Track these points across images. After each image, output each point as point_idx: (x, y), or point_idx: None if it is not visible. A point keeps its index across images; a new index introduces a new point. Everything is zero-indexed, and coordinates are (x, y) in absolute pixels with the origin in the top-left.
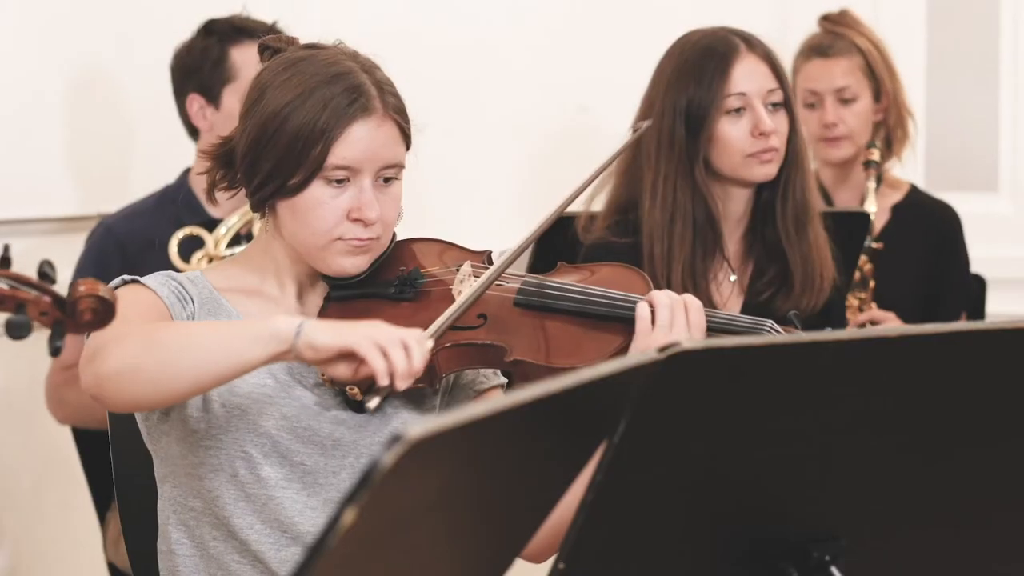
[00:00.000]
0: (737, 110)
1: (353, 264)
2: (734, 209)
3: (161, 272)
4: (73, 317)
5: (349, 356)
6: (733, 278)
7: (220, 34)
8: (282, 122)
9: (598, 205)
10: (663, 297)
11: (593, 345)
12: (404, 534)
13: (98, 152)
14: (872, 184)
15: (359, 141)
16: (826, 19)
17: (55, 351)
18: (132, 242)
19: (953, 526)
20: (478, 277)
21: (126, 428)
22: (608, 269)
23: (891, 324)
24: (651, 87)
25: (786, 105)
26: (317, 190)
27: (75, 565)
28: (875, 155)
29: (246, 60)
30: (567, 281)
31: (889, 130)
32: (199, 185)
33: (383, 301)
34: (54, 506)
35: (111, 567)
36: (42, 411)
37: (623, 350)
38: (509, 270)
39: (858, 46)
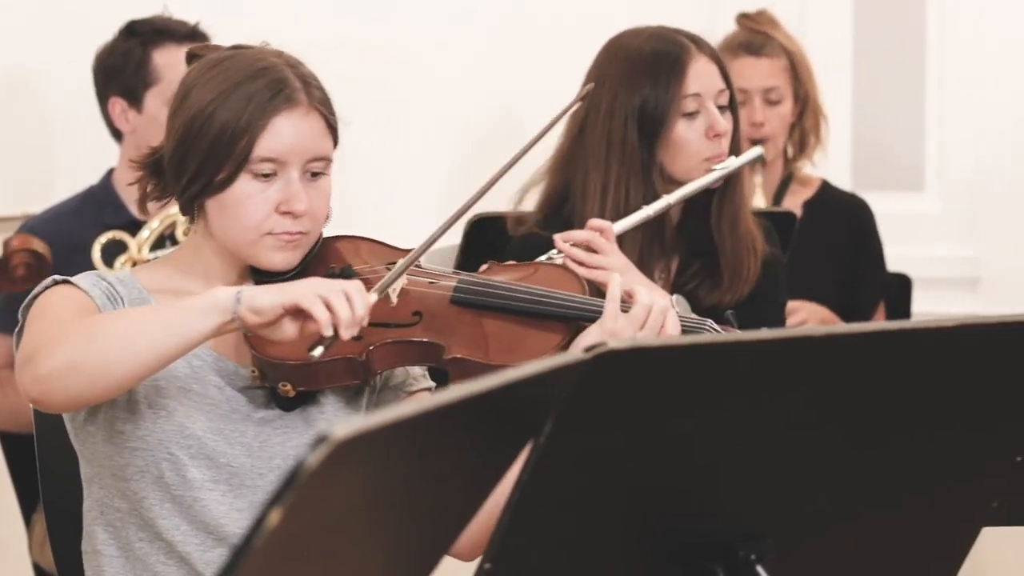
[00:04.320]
0: (691, 113)
1: (283, 259)
2: (675, 208)
3: (91, 272)
4: (7, 273)
5: (293, 315)
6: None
7: (142, 36)
8: (207, 118)
9: (528, 205)
10: (645, 296)
11: (533, 342)
12: (330, 534)
13: (22, 153)
14: (759, 179)
15: (284, 133)
16: (746, 17)
17: None
18: (56, 244)
19: (876, 523)
20: (411, 275)
21: (52, 430)
22: (542, 268)
23: (804, 311)
24: (594, 88)
25: (731, 106)
26: (244, 184)
27: (0, 567)
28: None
29: (168, 62)
30: (504, 279)
31: (804, 133)
32: (123, 186)
33: None
34: None
35: (37, 568)
36: None
37: (564, 347)
38: (444, 269)
39: (785, 47)
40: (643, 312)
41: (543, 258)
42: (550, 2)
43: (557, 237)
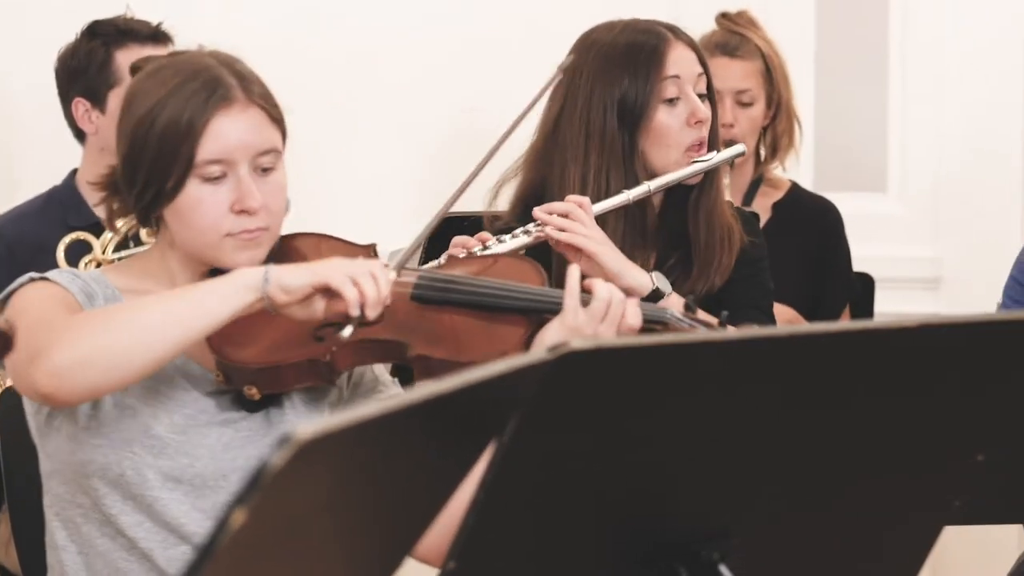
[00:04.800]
0: (672, 100)
1: (247, 258)
2: (656, 199)
3: (64, 269)
4: None
5: (320, 293)
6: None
7: (104, 37)
8: (150, 125)
9: (501, 202)
10: (603, 290)
11: (495, 337)
12: (294, 535)
13: None
14: (726, 180)
15: (224, 133)
16: (725, 17)
17: None
18: (20, 244)
19: (839, 521)
20: None
21: (15, 429)
22: (501, 261)
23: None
24: (568, 84)
25: (709, 95)
26: (195, 189)
27: None
28: None
29: (131, 63)
30: (463, 273)
31: (776, 137)
32: (86, 187)
33: None
34: None
35: (1, 569)
36: None
37: (526, 341)
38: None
39: (761, 50)
40: (602, 306)
41: (519, 231)
42: (515, 4)
43: (536, 209)
